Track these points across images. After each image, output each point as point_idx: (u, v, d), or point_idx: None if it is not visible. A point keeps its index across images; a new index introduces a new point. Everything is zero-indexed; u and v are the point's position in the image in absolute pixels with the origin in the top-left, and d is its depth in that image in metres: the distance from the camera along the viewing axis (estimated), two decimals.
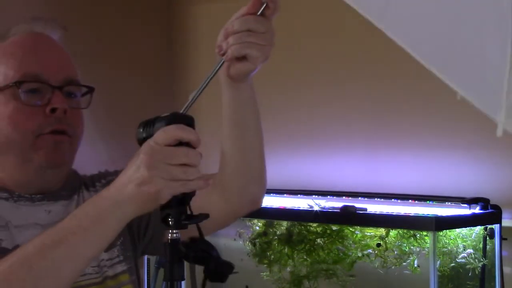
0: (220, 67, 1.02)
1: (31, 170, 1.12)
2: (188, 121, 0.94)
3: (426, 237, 1.88)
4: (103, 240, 0.95)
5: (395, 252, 1.95)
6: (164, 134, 0.90)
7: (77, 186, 1.23)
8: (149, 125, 0.94)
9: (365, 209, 1.96)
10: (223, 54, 1.01)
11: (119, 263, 1.19)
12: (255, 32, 1.00)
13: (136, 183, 0.90)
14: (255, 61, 1.02)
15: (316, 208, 2.01)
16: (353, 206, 1.96)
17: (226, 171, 1.17)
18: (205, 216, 0.93)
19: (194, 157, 0.90)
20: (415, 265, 1.91)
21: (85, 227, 0.93)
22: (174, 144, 0.90)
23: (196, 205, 0.94)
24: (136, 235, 1.24)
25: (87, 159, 1.31)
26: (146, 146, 0.91)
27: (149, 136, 0.93)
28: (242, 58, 1.02)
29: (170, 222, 0.91)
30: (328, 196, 2.18)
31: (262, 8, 1.00)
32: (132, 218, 0.95)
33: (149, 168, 0.89)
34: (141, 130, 0.95)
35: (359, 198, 2.16)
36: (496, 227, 1.93)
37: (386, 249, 1.96)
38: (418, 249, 1.91)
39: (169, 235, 0.91)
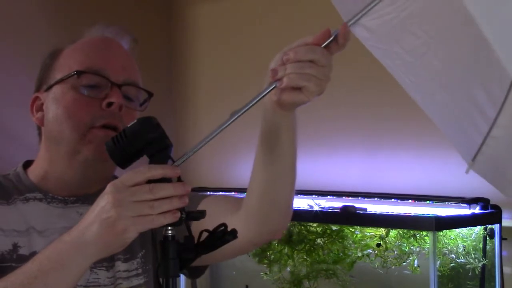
0: (269, 91, 0.96)
1: (77, 163, 1.11)
2: (155, 122, 0.94)
3: (426, 237, 1.88)
4: (65, 284, 0.93)
5: (395, 252, 1.95)
6: (134, 175, 0.89)
7: None
8: (120, 137, 0.94)
9: (365, 209, 1.96)
10: (277, 80, 0.95)
11: (136, 276, 1.16)
12: (317, 65, 0.93)
13: (102, 223, 0.89)
14: (309, 95, 0.95)
15: (316, 208, 2.01)
16: (353, 206, 1.96)
17: (252, 198, 1.11)
18: (203, 213, 0.92)
19: (160, 191, 0.88)
20: (415, 265, 1.91)
21: (45, 272, 0.92)
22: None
23: (215, 226, 0.92)
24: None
25: None
26: (111, 186, 0.90)
27: (127, 147, 0.93)
28: (296, 88, 0.95)
29: None
30: (328, 196, 2.18)
31: (329, 41, 0.94)
32: (95, 260, 0.93)
33: (115, 207, 0.88)
34: (112, 144, 0.94)
35: (359, 198, 2.15)
36: (496, 227, 1.93)
37: (386, 249, 1.96)
38: (418, 249, 1.91)
39: (164, 232, 0.91)
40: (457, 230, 1.92)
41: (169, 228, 0.91)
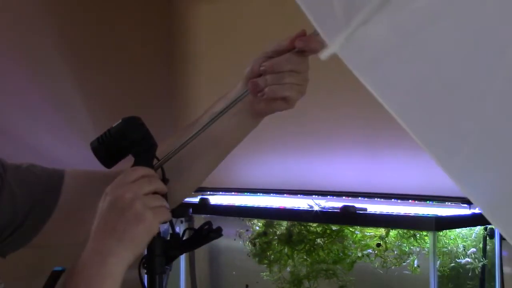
0: (242, 99, 0.97)
1: None
2: (140, 121, 0.96)
3: (426, 237, 1.88)
4: None
5: (395, 252, 1.95)
6: (132, 172, 0.89)
7: None
8: (105, 136, 0.94)
9: (365, 209, 1.96)
10: (259, 91, 0.95)
11: None
12: (297, 73, 0.94)
13: (129, 219, 0.85)
14: (293, 103, 0.96)
15: (316, 208, 2.01)
16: (353, 206, 1.96)
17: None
18: (188, 215, 0.95)
19: (155, 182, 0.89)
20: (415, 265, 1.91)
21: None
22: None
23: None
24: None
25: (87, 160, 1.31)
26: (114, 185, 0.88)
27: (111, 147, 0.93)
28: (277, 98, 0.96)
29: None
30: (328, 196, 2.18)
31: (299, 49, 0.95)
32: (130, 264, 0.88)
33: (134, 200, 0.86)
34: (97, 143, 0.95)
35: (359, 198, 2.15)
36: None
37: (386, 249, 1.96)
38: (418, 249, 1.91)
39: None
40: (457, 230, 1.92)
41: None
